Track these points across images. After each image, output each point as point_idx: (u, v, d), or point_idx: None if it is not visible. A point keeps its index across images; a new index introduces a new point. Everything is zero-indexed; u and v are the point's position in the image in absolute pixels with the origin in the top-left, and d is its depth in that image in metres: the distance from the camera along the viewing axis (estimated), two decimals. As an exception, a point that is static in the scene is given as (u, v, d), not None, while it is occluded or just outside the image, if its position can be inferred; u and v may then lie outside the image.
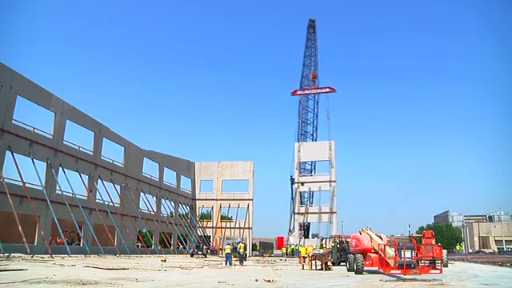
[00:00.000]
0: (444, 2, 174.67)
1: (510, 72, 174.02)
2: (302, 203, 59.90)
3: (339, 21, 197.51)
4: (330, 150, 57.82)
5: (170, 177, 55.72)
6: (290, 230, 62.88)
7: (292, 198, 61.88)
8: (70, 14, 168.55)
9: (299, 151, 59.02)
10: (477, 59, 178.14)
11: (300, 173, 59.77)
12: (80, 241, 34.92)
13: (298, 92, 61.34)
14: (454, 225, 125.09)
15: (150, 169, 49.51)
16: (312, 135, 63.42)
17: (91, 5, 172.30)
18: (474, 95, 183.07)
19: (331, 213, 56.11)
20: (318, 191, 57.68)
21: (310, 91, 61.82)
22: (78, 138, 36.77)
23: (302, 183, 58.30)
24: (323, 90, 60.93)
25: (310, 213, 57.75)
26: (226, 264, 25.35)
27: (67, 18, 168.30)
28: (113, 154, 41.80)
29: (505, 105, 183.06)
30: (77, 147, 35.73)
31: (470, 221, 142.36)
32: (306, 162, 61.45)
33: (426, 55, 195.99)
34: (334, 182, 57.33)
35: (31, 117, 31.41)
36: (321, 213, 56.41)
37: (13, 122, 28.32)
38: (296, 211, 58.00)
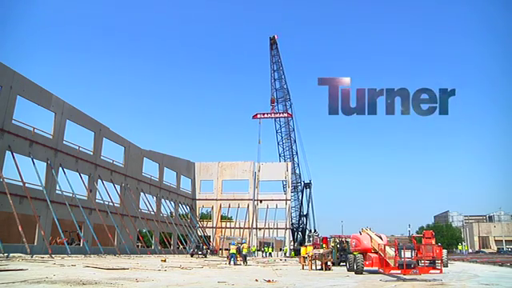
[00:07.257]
0: (439, 1, 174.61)
1: (510, 72, 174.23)
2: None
3: (340, 17, 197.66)
4: (287, 171, 60.77)
5: (170, 177, 55.80)
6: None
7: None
8: (70, 13, 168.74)
9: (259, 171, 61.46)
10: (476, 59, 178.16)
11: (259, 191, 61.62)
12: (80, 241, 34.90)
13: (258, 115, 63.34)
14: (453, 225, 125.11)
15: (150, 169, 49.58)
16: (280, 155, 64.48)
17: (91, 5, 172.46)
18: (474, 95, 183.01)
19: (286, 228, 58.76)
20: (275, 209, 60.01)
21: (269, 115, 63.86)
22: (77, 138, 36.76)
23: (261, 201, 60.71)
24: (281, 115, 63.56)
25: (267, 228, 59.66)
26: (231, 263, 25.87)
27: (67, 17, 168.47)
28: (113, 154, 41.83)
29: (504, 105, 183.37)
30: (77, 147, 35.72)
31: (470, 221, 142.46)
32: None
33: (426, 55, 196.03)
34: (289, 200, 60.45)
35: (31, 117, 31.42)
36: (277, 228, 59.25)
37: (13, 122, 28.30)
38: (254, 226, 59.86)
